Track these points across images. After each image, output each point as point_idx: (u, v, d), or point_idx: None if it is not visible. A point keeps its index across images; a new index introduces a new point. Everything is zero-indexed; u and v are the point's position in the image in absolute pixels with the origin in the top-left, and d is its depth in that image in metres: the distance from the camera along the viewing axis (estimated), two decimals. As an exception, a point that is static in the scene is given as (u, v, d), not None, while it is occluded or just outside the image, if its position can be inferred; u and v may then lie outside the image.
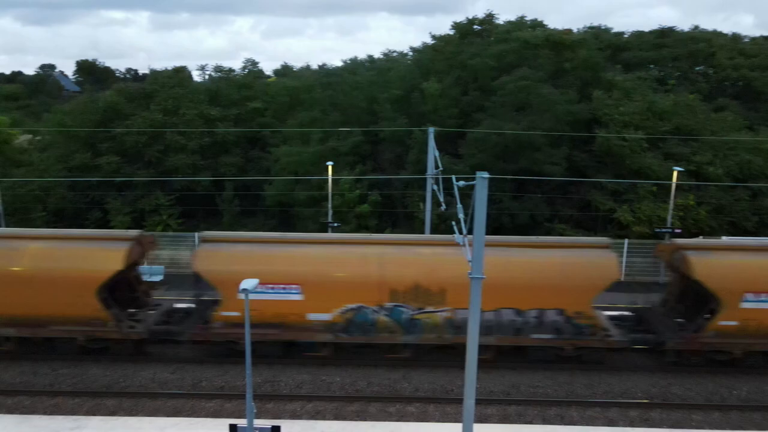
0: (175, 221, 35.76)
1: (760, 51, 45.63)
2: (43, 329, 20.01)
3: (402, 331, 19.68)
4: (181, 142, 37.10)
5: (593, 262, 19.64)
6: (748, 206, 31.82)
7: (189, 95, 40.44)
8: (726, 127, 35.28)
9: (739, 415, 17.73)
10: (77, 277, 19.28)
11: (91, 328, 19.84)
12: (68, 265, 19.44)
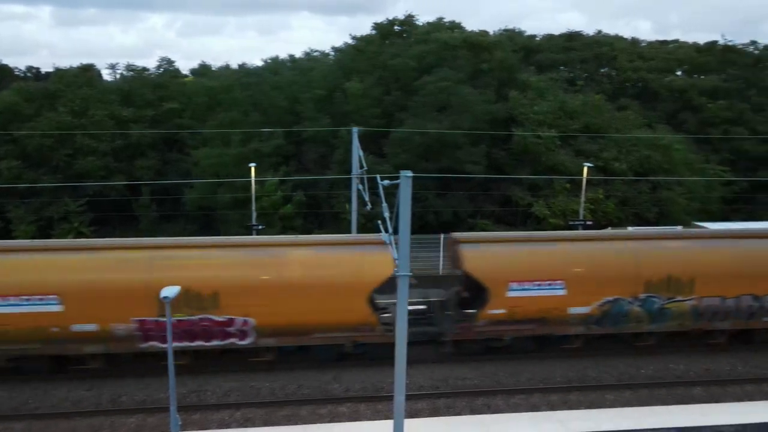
0: (86, 228, 33.73)
1: (657, 54, 49.39)
2: (306, 338, 19.54)
3: (650, 320, 20.71)
4: (91, 144, 35.02)
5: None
6: (649, 198, 34.32)
7: (98, 95, 38.25)
8: (628, 126, 37.86)
9: (648, 392, 19.11)
10: (352, 283, 19.04)
11: (360, 334, 19.71)
12: (342, 271, 19.19)
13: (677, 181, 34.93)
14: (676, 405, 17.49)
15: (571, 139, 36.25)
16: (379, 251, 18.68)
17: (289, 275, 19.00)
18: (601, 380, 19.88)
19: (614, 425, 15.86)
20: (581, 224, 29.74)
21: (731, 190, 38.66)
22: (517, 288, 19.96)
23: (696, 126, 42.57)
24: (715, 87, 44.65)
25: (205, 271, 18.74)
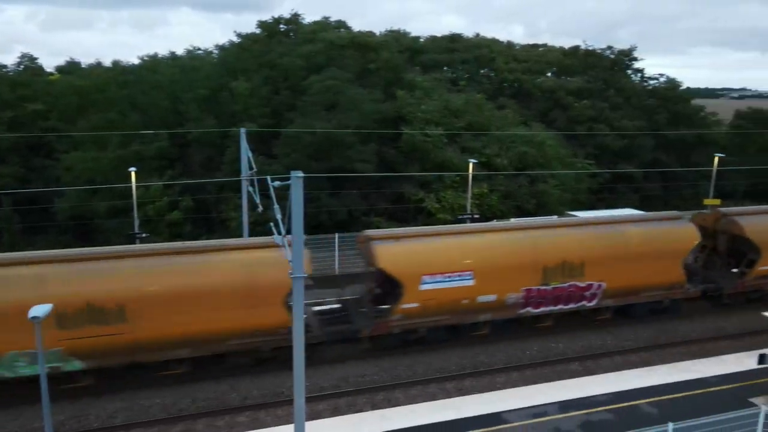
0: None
1: (529, 57, 53.08)
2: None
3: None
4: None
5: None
6: (528, 191, 36.82)
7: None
8: (507, 123, 40.34)
9: (533, 371, 20.54)
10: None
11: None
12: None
13: (551, 175, 37.79)
14: (558, 381, 18.93)
15: (456, 137, 37.92)
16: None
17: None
18: (492, 364, 21.05)
19: (505, 406, 16.87)
20: (469, 218, 31.25)
21: (596, 182, 42.58)
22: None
23: (565, 123, 46.36)
24: (580, 88, 48.88)
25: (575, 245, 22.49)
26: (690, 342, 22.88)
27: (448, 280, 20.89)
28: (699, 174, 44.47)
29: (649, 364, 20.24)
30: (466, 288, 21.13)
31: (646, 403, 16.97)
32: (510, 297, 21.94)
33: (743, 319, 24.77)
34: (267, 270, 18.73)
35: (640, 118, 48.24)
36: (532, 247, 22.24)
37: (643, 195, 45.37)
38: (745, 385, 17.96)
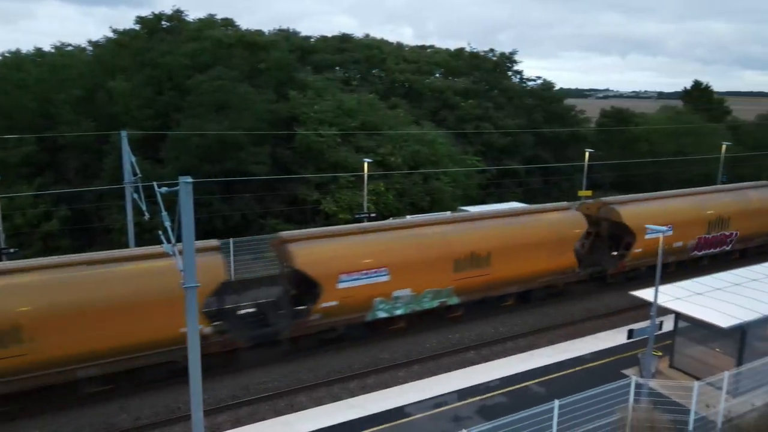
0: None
1: (419, 58, 54.71)
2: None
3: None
4: None
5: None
6: (422, 188, 37.99)
7: None
8: (400, 123, 41.30)
9: (433, 362, 21.26)
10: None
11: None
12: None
13: (443, 172, 39.28)
14: (456, 370, 19.76)
15: (350, 137, 38.20)
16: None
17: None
18: (393, 360, 21.51)
19: (407, 399, 17.33)
20: (366, 216, 31.63)
21: (485, 177, 44.90)
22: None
23: (454, 122, 48.38)
24: (466, 88, 51.23)
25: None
26: (569, 324, 24.87)
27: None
28: (573, 168, 48.36)
29: (535, 347, 21.71)
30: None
31: (535, 383, 18.21)
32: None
33: (614, 299, 27.33)
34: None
35: (521, 116, 51.52)
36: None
37: (526, 189, 48.53)
38: (618, 359, 19.85)
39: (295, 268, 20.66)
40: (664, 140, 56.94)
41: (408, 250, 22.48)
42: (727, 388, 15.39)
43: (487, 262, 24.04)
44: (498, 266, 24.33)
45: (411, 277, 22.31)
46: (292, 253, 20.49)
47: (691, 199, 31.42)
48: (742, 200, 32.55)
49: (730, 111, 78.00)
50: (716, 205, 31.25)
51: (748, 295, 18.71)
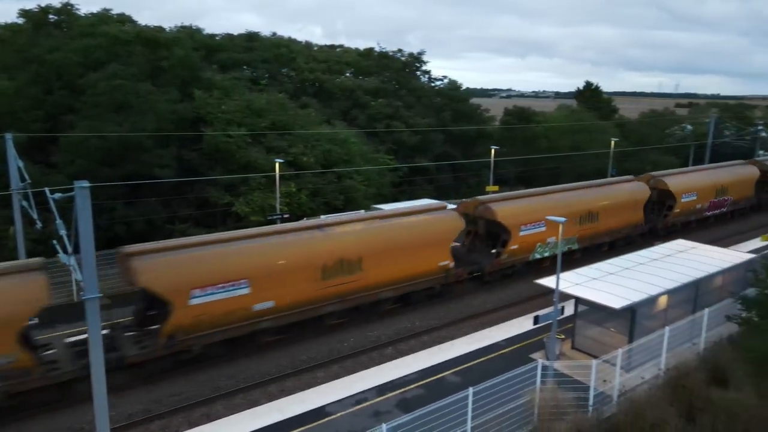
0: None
1: (328, 57, 54.66)
2: None
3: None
4: None
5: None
6: (335, 188, 38.04)
7: None
8: (311, 122, 41.10)
9: (352, 361, 21.36)
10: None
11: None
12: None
13: (356, 171, 39.54)
14: (375, 366, 20.01)
15: (261, 137, 37.49)
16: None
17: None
18: (312, 361, 21.40)
19: (327, 399, 17.36)
20: (279, 217, 31.19)
21: (397, 175, 45.70)
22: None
23: (365, 121, 48.85)
24: (376, 87, 51.89)
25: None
26: (483, 314, 25.91)
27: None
28: (481, 164, 50.40)
29: (451, 338, 22.45)
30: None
31: (451, 373, 18.87)
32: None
33: (522, 288, 28.81)
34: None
35: (430, 115, 52.95)
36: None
37: (437, 185, 49.97)
38: (526, 344, 21.01)
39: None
40: (562, 137, 60.79)
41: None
42: (620, 364, 16.76)
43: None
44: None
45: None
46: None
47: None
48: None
49: (617, 110, 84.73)
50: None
51: (636, 278, 20.46)
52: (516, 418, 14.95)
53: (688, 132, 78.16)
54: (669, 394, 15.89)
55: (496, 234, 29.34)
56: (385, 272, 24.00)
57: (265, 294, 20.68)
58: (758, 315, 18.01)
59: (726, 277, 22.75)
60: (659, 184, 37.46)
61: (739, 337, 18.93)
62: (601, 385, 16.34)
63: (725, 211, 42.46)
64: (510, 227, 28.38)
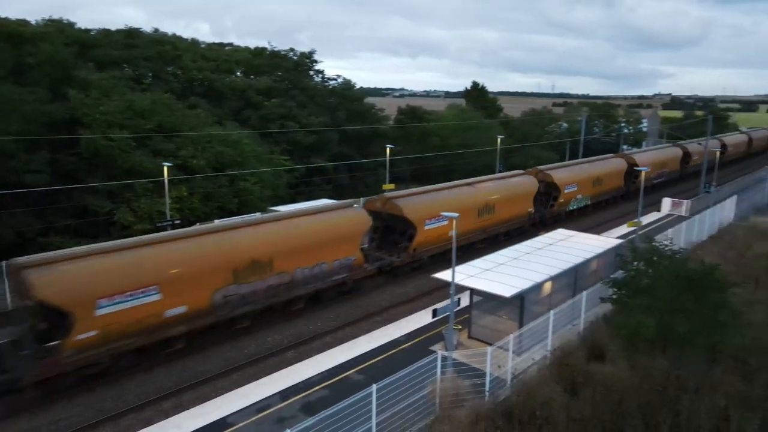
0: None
1: (217, 56, 52.71)
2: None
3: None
4: None
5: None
6: (229, 191, 36.87)
7: None
8: (201, 123, 39.47)
9: (252, 368, 20.84)
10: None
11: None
12: None
13: (250, 173, 38.55)
14: (276, 372, 19.64)
15: (146, 140, 35.41)
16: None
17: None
18: (211, 371, 20.60)
19: (229, 409, 16.78)
20: (169, 224, 29.66)
21: (293, 176, 45.17)
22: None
23: (258, 122, 47.76)
24: (269, 87, 50.89)
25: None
26: (384, 310, 26.37)
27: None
28: (377, 163, 51.17)
29: (353, 338, 22.61)
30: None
31: (354, 372, 19.00)
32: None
33: (419, 283, 29.67)
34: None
35: (324, 114, 52.84)
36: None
37: (335, 185, 50.03)
38: (426, 337, 21.67)
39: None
40: (452, 135, 63.32)
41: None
42: (512, 348, 17.81)
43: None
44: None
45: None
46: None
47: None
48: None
49: (501, 108, 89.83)
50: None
51: (523, 266, 21.83)
52: (419, 409, 15.38)
53: (563, 129, 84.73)
54: (555, 372, 17.12)
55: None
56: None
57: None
58: (626, 295, 19.91)
59: (600, 261, 24.91)
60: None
61: (612, 316, 20.82)
62: (496, 371, 17.24)
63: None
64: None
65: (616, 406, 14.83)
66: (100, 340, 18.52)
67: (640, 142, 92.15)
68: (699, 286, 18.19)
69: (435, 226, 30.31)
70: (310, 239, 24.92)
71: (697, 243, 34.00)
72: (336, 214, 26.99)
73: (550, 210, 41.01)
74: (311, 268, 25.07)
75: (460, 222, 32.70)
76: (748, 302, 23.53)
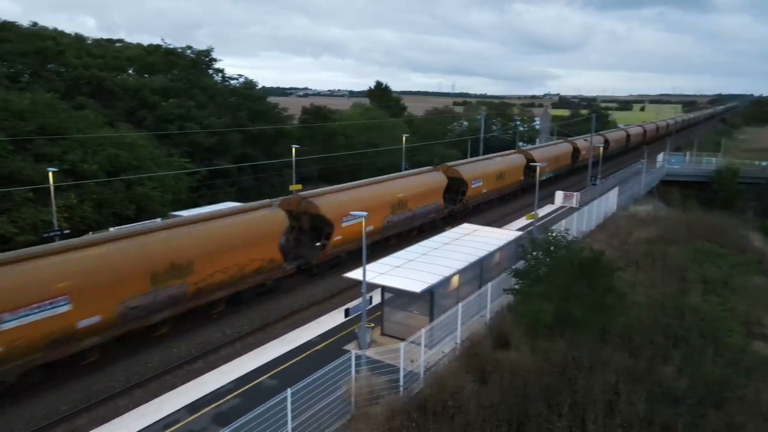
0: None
1: (106, 53, 49.29)
2: None
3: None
4: None
5: None
6: (125, 196, 34.67)
7: None
8: (90, 125, 36.77)
9: (157, 383, 19.77)
10: None
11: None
12: None
13: (148, 177, 36.48)
14: (184, 384, 18.75)
15: (27, 143, 32.42)
16: None
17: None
18: (110, 390, 19.30)
19: (132, 428, 15.80)
20: (58, 234, 27.41)
21: (195, 179, 43.30)
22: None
23: (155, 122, 45.28)
24: (165, 86, 48.39)
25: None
26: (296, 312, 26.06)
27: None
28: (282, 164, 50.35)
29: (265, 342, 22.10)
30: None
31: (267, 378, 18.59)
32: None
33: (330, 283, 29.63)
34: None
35: (226, 115, 51.11)
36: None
37: (239, 188, 48.58)
38: (340, 337, 21.66)
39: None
40: (358, 134, 63.72)
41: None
42: (424, 343, 18.28)
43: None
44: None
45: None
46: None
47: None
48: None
49: (405, 108, 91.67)
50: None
51: (432, 262, 22.46)
52: (335, 410, 15.36)
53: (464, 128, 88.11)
54: (465, 363, 17.81)
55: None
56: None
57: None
58: (527, 284, 21.12)
59: (502, 253, 26.19)
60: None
61: (515, 304, 21.99)
62: (409, 365, 17.60)
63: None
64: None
65: (521, 390, 15.70)
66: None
67: (534, 139, 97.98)
68: (590, 272, 19.68)
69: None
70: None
71: (587, 232, 36.73)
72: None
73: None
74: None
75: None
76: (631, 284, 25.84)
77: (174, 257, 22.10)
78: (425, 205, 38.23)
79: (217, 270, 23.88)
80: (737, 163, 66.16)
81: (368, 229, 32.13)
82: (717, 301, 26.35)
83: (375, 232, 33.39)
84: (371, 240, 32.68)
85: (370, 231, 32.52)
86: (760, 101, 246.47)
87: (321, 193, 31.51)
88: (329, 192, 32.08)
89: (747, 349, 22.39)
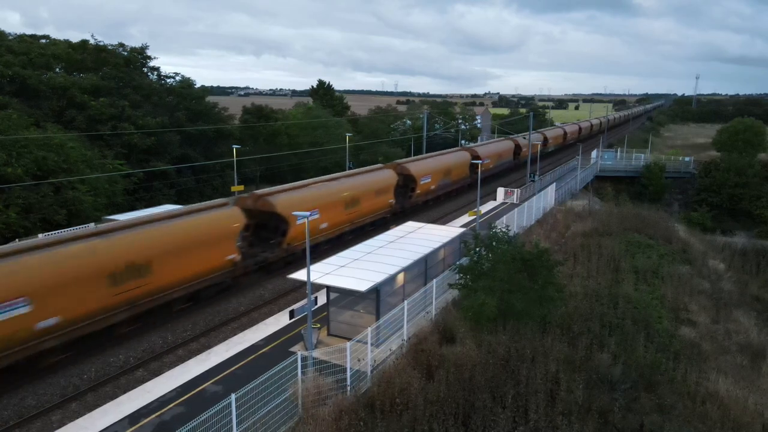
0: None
1: (30, 50, 46.58)
2: None
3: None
4: None
5: None
6: (55, 201, 32.91)
7: None
8: (13, 126, 34.70)
9: (94, 395, 18.93)
10: None
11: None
12: None
13: (80, 180, 34.79)
14: (124, 394, 18.03)
15: (-59, 146, 30.22)
16: None
17: None
18: (43, 404, 18.32)
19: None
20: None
21: (131, 182, 41.66)
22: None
23: (86, 123, 43.24)
24: (96, 85, 46.25)
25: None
26: (241, 316, 25.54)
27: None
28: (223, 164, 49.23)
29: (208, 347, 21.56)
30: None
31: (211, 384, 18.13)
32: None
33: (276, 284, 29.24)
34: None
35: (162, 115, 49.41)
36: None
37: (179, 190, 47.09)
38: (285, 339, 21.40)
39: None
40: (301, 133, 63.09)
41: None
42: (371, 341, 18.32)
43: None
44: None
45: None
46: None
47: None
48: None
49: (349, 107, 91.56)
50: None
51: (377, 260, 22.54)
52: (282, 413, 15.17)
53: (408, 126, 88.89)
54: (412, 359, 17.98)
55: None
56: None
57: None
58: (471, 279, 21.55)
59: (446, 250, 26.61)
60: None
61: (460, 299, 22.39)
62: (356, 365, 17.60)
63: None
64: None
65: (467, 384, 16.00)
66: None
67: (475, 137, 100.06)
68: (532, 266, 20.31)
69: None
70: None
71: (527, 227, 37.87)
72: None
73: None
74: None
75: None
76: (569, 276, 26.84)
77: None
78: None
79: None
80: (663, 159, 69.96)
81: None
82: (648, 290, 27.74)
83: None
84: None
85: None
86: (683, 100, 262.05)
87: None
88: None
89: (675, 334, 23.70)
